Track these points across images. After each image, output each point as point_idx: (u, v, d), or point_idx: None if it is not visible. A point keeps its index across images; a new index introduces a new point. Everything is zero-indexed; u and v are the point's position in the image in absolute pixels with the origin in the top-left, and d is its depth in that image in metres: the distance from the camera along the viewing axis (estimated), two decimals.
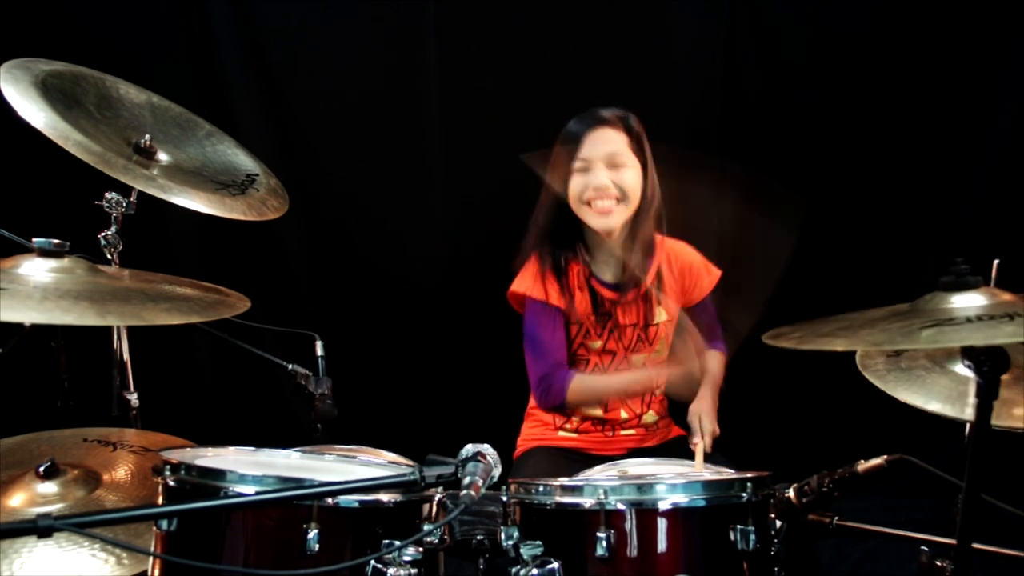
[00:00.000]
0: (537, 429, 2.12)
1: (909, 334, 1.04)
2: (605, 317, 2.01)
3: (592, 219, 1.96)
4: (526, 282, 2.02)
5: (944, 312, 1.08)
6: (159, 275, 1.43)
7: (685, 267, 2.10)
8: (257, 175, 2.00)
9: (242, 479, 1.25)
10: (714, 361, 2.11)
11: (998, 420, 1.47)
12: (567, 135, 1.99)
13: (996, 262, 1.47)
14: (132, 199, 1.91)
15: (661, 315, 2.05)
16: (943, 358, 1.61)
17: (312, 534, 1.22)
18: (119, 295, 1.24)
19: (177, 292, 1.34)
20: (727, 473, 1.53)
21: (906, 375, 1.60)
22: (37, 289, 1.19)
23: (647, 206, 1.99)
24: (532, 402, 2.17)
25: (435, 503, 1.37)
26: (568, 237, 2.02)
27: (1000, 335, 0.99)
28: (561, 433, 2.09)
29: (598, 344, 2.02)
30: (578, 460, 2.00)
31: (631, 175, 1.95)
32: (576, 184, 1.95)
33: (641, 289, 2.03)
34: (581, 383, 1.95)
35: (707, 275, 2.11)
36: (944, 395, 1.55)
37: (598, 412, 2.06)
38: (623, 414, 2.07)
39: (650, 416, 2.11)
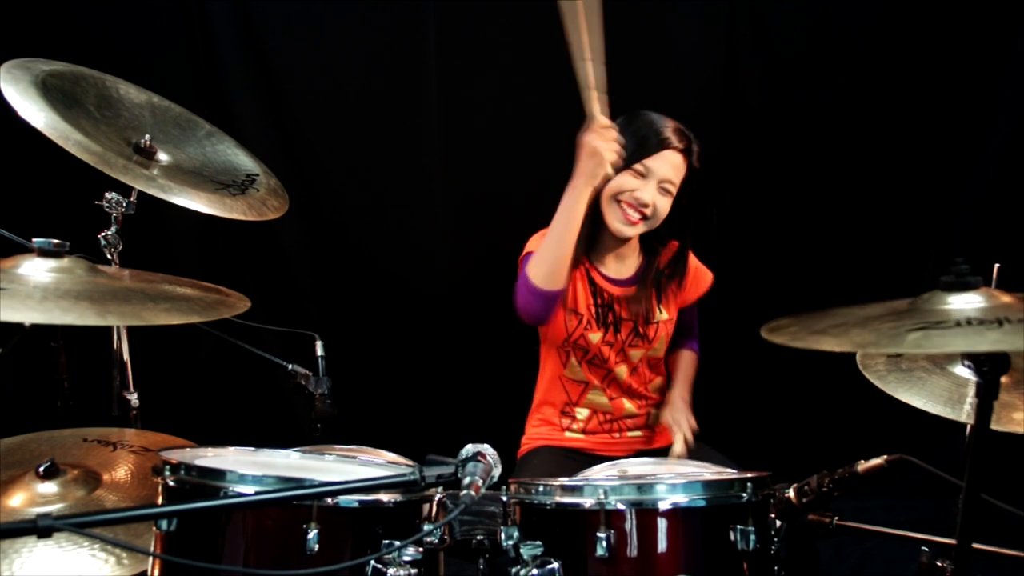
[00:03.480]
0: (543, 428, 2.12)
1: (896, 337, 1.03)
2: (605, 309, 2.02)
3: (614, 218, 1.96)
4: (533, 242, 2.03)
5: (939, 313, 1.08)
6: (159, 275, 1.43)
7: (684, 266, 2.11)
8: (257, 175, 2.00)
9: (242, 479, 1.25)
10: (686, 360, 2.18)
11: (997, 424, 1.48)
12: (639, 135, 1.93)
13: (997, 266, 1.47)
14: (132, 199, 1.91)
15: (661, 314, 2.06)
16: (944, 360, 1.62)
17: (312, 534, 1.22)
18: (119, 295, 1.24)
19: (177, 292, 1.34)
20: (727, 473, 1.53)
21: (906, 376, 1.60)
22: (37, 289, 1.19)
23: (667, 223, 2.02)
24: (536, 401, 2.18)
25: (435, 503, 1.37)
26: (586, 227, 2.01)
27: (983, 342, 0.99)
28: (568, 434, 2.09)
29: (598, 336, 2.02)
30: (584, 461, 2.00)
31: (668, 203, 1.98)
32: (624, 179, 1.93)
33: (648, 288, 2.05)
34: (533, 258, 1.86)
35: (701, 278, 2.13)
36: (945, 397, 1.55)
37: (604, 400, 2.06)
38: (627, 404, 2.07)
39: (656, 415, 2.11)
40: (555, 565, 1.29)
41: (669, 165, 1.95)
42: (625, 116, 1.96)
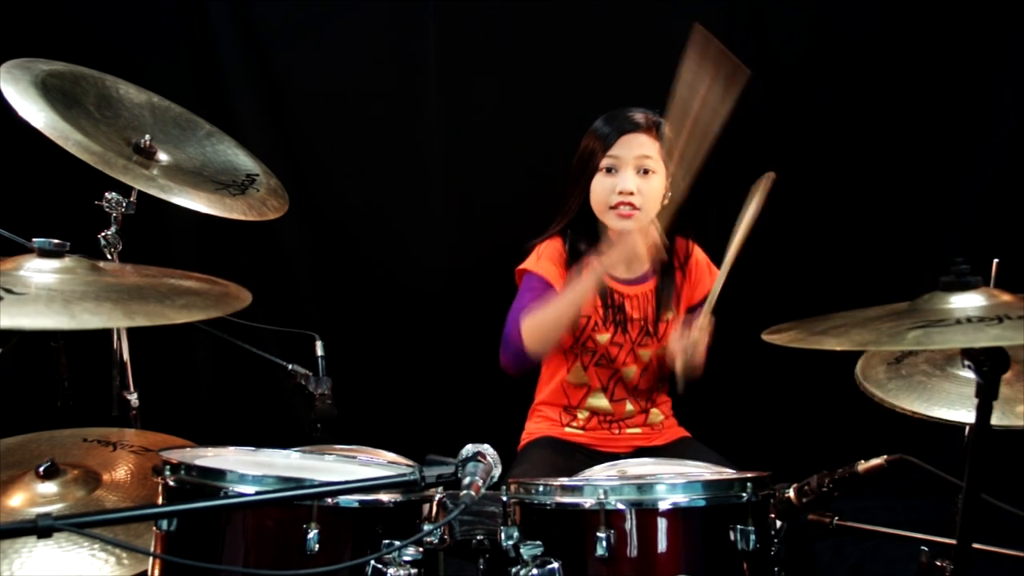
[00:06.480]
0: (543, 424, 2.12)
1: (897, 335, 1.04)
2: (614, 310, 2.02)
3: (613, 222, 1.95)
4: (532, 260, 2.02)
5: (939, 312, 1.08)
6: (156, 269, 1.40)
7: (693, 264, 2.11)
8: (257, 175, 2.00)
9: (242, 479, 1.25)
10: None
11: (1001, 418, 1.48)
12: (600, 134, 1.97)
13: (996, 262, 1.47)
14: (132, 199, 1.91)
15: (672, 311, 2.06)
16: (943, 362, 1.62)
17: (312, 534, 1.22)
18: (134, 294, 1.21)
19: (183, 286, 1.31)
20: (727, 473, 1.53)
21: (907, 382, 1.60)
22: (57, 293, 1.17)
23: (667, 209, 1.98)
24: (536, 402, 2.18)
25: (435, 503, 1.37)
26: (588, 229, 2.01)
27: (984, 338, 0.99)
28: (567, 429, 2.09)
29: (606, 337, 2.02)
30: (584, 455, 2.01)
31: (657, 182, 1.95)
32: (603, 185, 1.94)
33: (653, 286, 2.04)
34: (530, 316, 1.87)
35: (709, 275, 2.12)
36: (946, 400, 1.55)
37: (605, 403, 2.06)
38: (628, 406, 2.07)
39: (656, 415, 2.11)
40: (555, 565, 1.29)
41: (635, 145, 1.92)
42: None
